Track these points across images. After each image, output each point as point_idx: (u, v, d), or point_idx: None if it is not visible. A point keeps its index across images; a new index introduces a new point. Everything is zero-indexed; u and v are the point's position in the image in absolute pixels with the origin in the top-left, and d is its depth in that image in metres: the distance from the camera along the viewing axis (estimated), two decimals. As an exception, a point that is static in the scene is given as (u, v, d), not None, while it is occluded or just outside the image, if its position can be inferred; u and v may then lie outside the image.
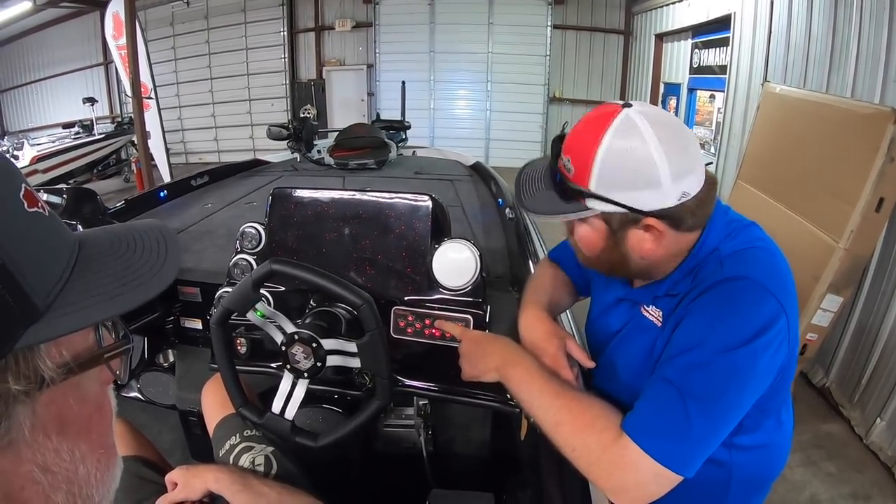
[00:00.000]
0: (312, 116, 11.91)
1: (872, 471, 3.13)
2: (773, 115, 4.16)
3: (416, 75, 11.80)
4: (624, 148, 1.01)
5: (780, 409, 1.19)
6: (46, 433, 0.46)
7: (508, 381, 1.21)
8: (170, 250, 0.58)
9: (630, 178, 1.01)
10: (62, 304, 0.45)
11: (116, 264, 0.52)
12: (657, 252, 1.10)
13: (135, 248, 0.55)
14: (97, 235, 0.55)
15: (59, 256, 0.48)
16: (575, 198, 1.07)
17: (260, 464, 1.38)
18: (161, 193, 2.82)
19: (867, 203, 2.97)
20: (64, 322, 0.45)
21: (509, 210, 2.52)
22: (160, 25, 12.81)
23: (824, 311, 3.21)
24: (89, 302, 0.47)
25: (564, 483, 1.14)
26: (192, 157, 13.46)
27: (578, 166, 1.04)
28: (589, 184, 1.03)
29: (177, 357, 2.16)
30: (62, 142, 9.86)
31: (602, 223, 1.09)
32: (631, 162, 1.00)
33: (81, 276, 0.49)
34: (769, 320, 0.99)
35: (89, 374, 0.51)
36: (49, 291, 0.45)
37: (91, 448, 0.51)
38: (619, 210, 1.04)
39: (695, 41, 8.27)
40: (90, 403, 0.52)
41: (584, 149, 1.04)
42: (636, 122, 1.01)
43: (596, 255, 1.15)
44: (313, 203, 1.60)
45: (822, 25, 4.54)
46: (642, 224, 1.06)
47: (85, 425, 0.51)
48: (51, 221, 0.49)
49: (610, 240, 1.10)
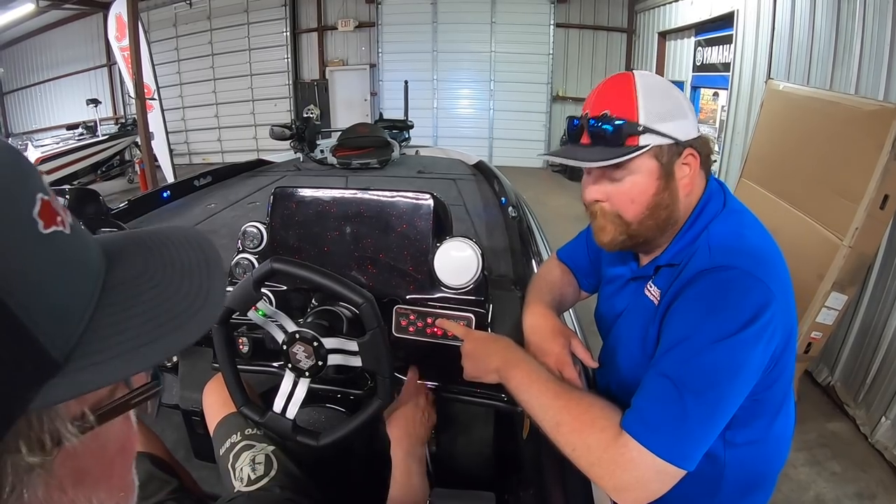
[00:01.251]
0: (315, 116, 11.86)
1: (878, 470, 3.12)
2: (776, 112, 4.15)
3: (418, 75, 11.85)
4: (655, 87, 1.13)
5: (780, 404, 1.19)
6: (62, 489, 0.40)
7: (508, 382, 1.21)
8: (214, 275, 0.48)
9: (669, 108, 1.12)
10: (86, 353, 0.38)
11: (149, 297, 0.43)
12: (692, 189, 1.17)
13: (171, 271, 0.46)
14: (126, 250, 0.46)
15: (81, 290, 0.40)
16: (627, 139, 1.10)
17: (260, 462, 1.38)
18: (164, 194, 2.82)
19: (872, 200, 2.96)
20: (87, 377, 0.37)
21: (512, 209, 2.52)
22: (163, 26, 12.88)
23: (829, 309, 3.20)
24: (117, 350, 0.39)
25: (566, 482, 1.14)
26: (196, 157, 13.52)
27: (623, 111, 1.10)
28: (640, 119, 1.09)
29: (180, 357, 2.16)
30: (66, 143, 9.93)
31: (654, 162, 1.12)
32: (665, 97, 1.13)
33: (108, 312, 0.40)
34: (760, 307, 0.99)
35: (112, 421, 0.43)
36: (68, 338, 0.37)
37: (110, 493, 0.45)
38: (668, 142, 1.11)
39: (698, 39, 8.27)
40: (111, 449, 0.45)
41: (621, 97, 1.11)
42: (648, 73, 1.16)
43: (646, 205, 1.15)
44: (315, 202, 1.60)
45: (825, 22, 4.53)
46: (684, 156, 1.14)
47: (105, 472, 0.44)
48: (72, 242, 0.40)
49: (662, 179, 1.13)
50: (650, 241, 1.21)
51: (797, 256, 3.17)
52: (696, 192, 1.18)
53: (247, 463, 1.38)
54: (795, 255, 3.18)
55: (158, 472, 1.44)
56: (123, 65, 8.27)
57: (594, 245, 1.47)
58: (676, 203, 1.16)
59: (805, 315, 3.20)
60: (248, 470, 1.36)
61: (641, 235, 1.19)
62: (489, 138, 12.53)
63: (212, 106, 13.46)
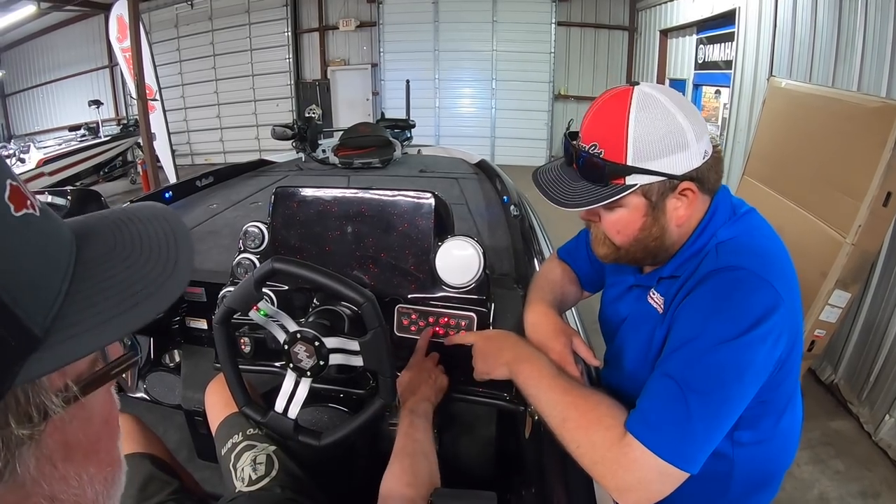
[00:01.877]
0: (317, 116, 11.91)
1: (881, 468, 3.11)
2: (779, 109, 4.14)
3: (420, 74, 11.84)
4: (652, 118, 1.05)
5: (787, 403, 1.19)
6: (52, 463, 0.42)
7: (517, 376, 1.21)
8: (181, 247, 0.50)
9: (664, 145, 1.05)
10: (64, 326, 0.39)
11: (121, 270, 0.45)
12: (689, 217, 1.13)
13: (140, 247, 0.48)
14: (95, 229, 0.48)
15: (55, 267, 0.41)
16: (611, 179, 1.08)
17: (262, 462, 1.38)
18: (166, 194, 2.82)
19: (875, 198, 2.95)
20: (68, 348, 0.39)
21: (514, 207, 2.51)
22: (164, 27, 12.89)
23: (832, 307, 3.19)
24: (95, 321, 0.41)
25: (569, 482, 1.13)
26: (198, 157, 13.53)
27: (610, 146, 1.06)
28: (626, 159, 1.05)
29: (182, 357, 2.16)
30: (68, 144, 9.93)
31: (641, 199, 1.10)
32: (661, 129, 1.05)
33: (82, 287, 0.42)
34: (766, 310, 0.98)
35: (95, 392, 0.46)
36: (47, 312, 0.39)
37: (100, 468, 0.47)
38: (658, 180, 1.07)
39: (700, 37, 8.26)
40: (97, 423, 0.47)
41: (611, 128, 1.06)
42: (652, 94, 1.06)
43: (633, 238, 1.15)
44: (316, 202, 1.60)
45: (827, 18, 4.52)
46: (678, 190, 1.09)
47: (93, 446, 0.47)
48: (43, 223, 0.42)
49: (649, 215, 1.12)
50: (643, 261, 1.21)
51: (800, 254, 3.15)
52: (697, 215, 1.15)
53: (248, 463, 1.38)
54: (798, 252, 3.15)
55: (159, 473, 1.44)
56: (125, 66, 8.29)
57: None
58: (666, 234, 1.14)
59: (808, 313, 3.19)
60: (249, 470, 1.37)
61: (634, 256, 1.19)
62: (491, 137, 12.51)
63: (214, 106, 13.46)
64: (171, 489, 1.40)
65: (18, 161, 8.82)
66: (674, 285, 1.14)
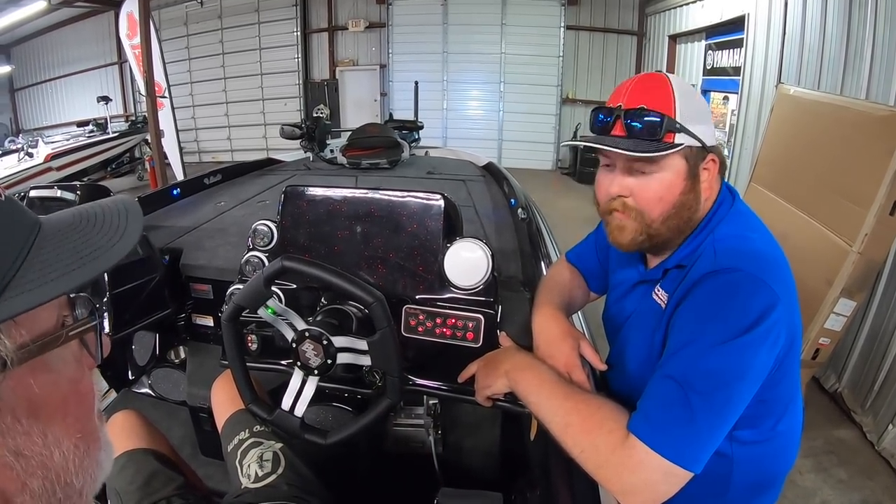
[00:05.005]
0: (325, 116, 11.96)
1: (884, 477, 3.10)
2: (786, 116, 4.13)
3: (429, 75, 11.85)
4: (687, 86, 1.16)
5: (787, 403, 1.19)
6: (15, 416, 0.46)
7: (518, 384, 1.22)
8: (130, 221, 0.58)
9: (699, 112, 1.15)
10: (19, 284, 0.45)
11: (75, 239, 0.52)
12: (710, 193, 1.20)
13: (94, 222, 0.56)
14: (61, 216, 0.56)
15: (14, 240, 0.48)
16: (665, 135, 1.11)
17: (268, 460, 1.38)
18: (174, 191, 2.83)
19: (881, 206, 2.94)
20: (19, 301, 0.44)
21: (521, 210, 2.52)
22: (174, 25, 12.93)
23: (837, 315, 3.18)
24: (46, 279, 0.47)
25: (574, 484, 1.14)
26: (206, 155, 13.57)
27: (661, 105, 1.12)
28: (677, 116, 1.11)
29: (188, 353, 2.17)
30: (76, 140, 9.96)
31: (683, 162, 1.14)
32: (697, 100, 1.16)
33: (39, 255, 0.49)
34: (765, 309, 0.99)
35: (60, 355, 0.51)
36: (4, 274, 0.45)
37: (67, 432, 0.51)
38: (697, 144, 1.14)
39: (708, 42, 8.25)
40: (63, 385, 0.52)
41: (658, 93, 1.13)
42: (679, 77, 1.19)
43: (673, 203, 1.15)
44: (325, 201, 1.61)
45: (836, 27, 4.52)
46: (707, 160, 1.17)
47: (59, 408, 0.51)
48: (6, 206, 0.49)
49: (688, 180, 1.15)
50: (668, 241, 1.21)
51: (806, 261, 3.16)
52: (712, 196, 1.19)
53: (254, 460, 1.39)
54: (804, 260, 3.17)
55: (163, 469, 1.44)
56: (134, 63, 8.31)
57: (603, 247, 1.48)
58: (698, 205, 1.17)
59: (813, 321, 3.18)
60: (255, 467, 1.37)
61: (661, 236, 1.18)
62: (499, 140, 12.52)
63: (222, 105, 13.50)
64: (176, 485, 1.40)
65: (27, 155, 8.85)
66: (679, 276, 1.15)
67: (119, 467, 1.40)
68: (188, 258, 2.05)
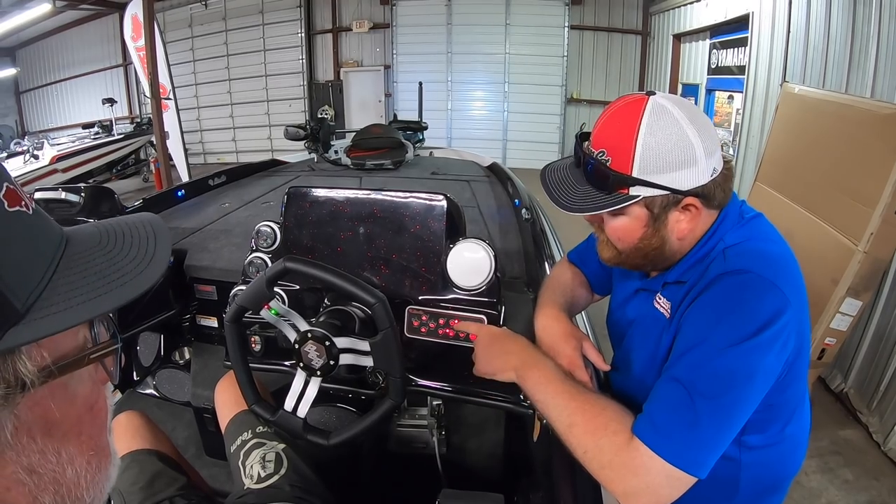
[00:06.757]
0: (330, 117, 11.95)
1: (890, 478, 3.09)
2: (791, 115, 4.12)
3: (433, 76, 11.86)
4: (662, 131, 1.04)
5: (795, 407, 1.18)
6: (31, 435, 0.46)
7: (525, 381, 1.21)
8: (159, 245, 0.56)
9: (671, 160, 1.05)
10: (44, 306, 0.45)
11: (102, 261, 0.51)
12: (692, 231, 1.13)
13: (122, 243, 0.54)
14: (86, 231, 0.55)
15: (41, 256, 0.47)
16: (616, 188, 1.08)
17: (271, 460, 1.39)
18: (179, 192, 2.84)
19: (887, 205, 2.93)
20: (45, 324, 0.44)
21: (525, 211, 2.51)
22: (179, 27, 12.96)
23: (843, 315, 3.17)
24: (72, 303, 0.46)
25: (576, 486, 1.13)
26: (211, 157, 13.60)
27: (617, 156, 1.07)
28: (632, 170, 1.06)
29: (192, 354, 2.18)
30: (82, 142, 10.01)
31: (643, 210, 1.11)
32: (670, 144, 1.04)
33: (65, 275, 0.48)
34: (774, 313, 0.98)
35: (78, 375, 0.51)
36: (30, 293, 0.44)
37: (80, 450, 0.51)
38: (662, 193, 1.07)
39: (713, 41, 8.23)
40: (79, 405, 0.52)
41: (621, 138, 1.06)
42: (666, 107, 1.06)
43: (632, 246, 1.16)
44: (328, 202, 1.61)
45: (841, 25, 4.50)
46: (682, 205, 1.10)
47: (74, 426, 0.51)
48: (34, 220, 0.48)
49: (650, 227, 1.12)
50: (644, 268, 1.22)
51: (811, 261, 3.15)
52: (702, 228, 1.14)
53: (257, 460, 1.39)
54: (810, 259, 3.15)
55: (167, 469, 1.45)
56: (139, 65, 8.36)
57: None
58: (666, 245, 1.15)
59: (819, 321, 3.17)
60: (258, 467, 1.37)
61: (633, 263, 1.21)
62: (503, 140, 12.48)
63: (227, 106, 13.52)
64: (179, 485, 1.41)
65: (32, 157, 8.88)
66: (680, 291, 1.14)
67: (123, 468, 1.40)
68: (193, 259, 2.06)
